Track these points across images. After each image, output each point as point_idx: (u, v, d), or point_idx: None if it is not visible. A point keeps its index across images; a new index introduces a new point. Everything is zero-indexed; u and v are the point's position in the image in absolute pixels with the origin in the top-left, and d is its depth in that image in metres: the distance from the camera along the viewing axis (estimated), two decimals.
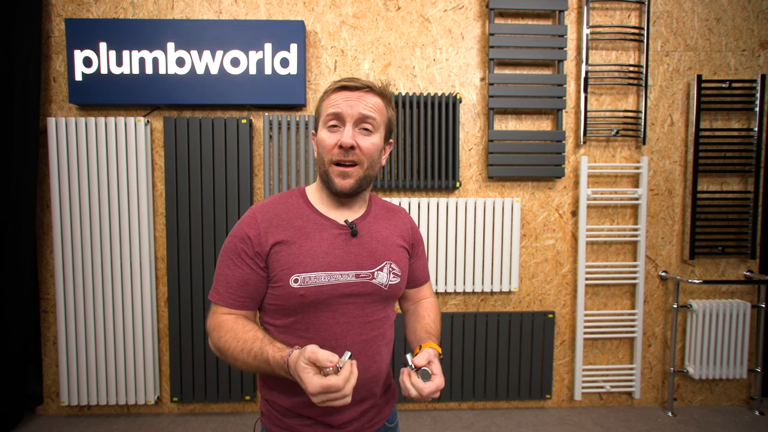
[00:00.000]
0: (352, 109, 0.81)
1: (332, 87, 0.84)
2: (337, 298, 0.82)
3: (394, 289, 0.89)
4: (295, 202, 0.86)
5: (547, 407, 2.53)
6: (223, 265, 0.83)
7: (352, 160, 0.82)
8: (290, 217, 0.84)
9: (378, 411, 0.90)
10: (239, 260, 0.81)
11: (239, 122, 2.31)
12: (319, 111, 0.86)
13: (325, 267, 0.81)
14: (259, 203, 0.86)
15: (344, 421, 0.85)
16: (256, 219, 0.82)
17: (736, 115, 2.49)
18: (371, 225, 0.89)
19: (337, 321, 0.82)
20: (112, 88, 2.24)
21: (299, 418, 0.84)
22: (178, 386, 2.38)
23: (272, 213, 0.83)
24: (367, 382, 0.85)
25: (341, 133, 0.81)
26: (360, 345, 0.83)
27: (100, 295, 2.31)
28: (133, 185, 2.30)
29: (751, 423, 2.38)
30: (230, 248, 0.82)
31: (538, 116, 2.45)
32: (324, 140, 0.82)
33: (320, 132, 0.84)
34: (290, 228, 0.82)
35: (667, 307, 2.53)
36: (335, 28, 2.37)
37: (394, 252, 0.90)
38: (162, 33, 2.24)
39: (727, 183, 2.51)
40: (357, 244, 0.85)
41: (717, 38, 2.46)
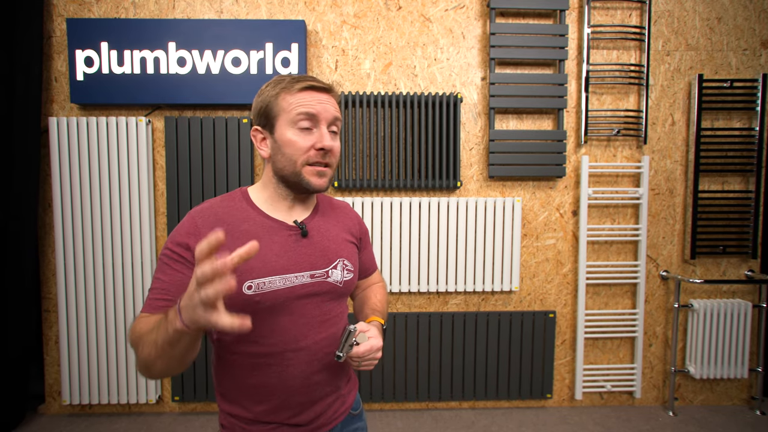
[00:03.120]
0: (326, 112, 0.79)
1: (297, 85, 0.79)
2: (294, 300, 0.80)
3: (348, 285, 0.89)
4: (239, 206, 0.82)
5: (548, 407, 2.53)
6: (157, 275, 0.75)
7: (327, 162, 0.81)
8: (234, 221, 0.78)
9: (342, 402, 0.90)
10: (177, 264, 0.74)
11: (240, 122, 2.31)
12: (279, 108, 0.79)
13: (279, 270, 0.78)
14: (198, 207, 0.80)
15: (311, 419, 0.83)
16: (196, 225, 0.76)
17: (737, 115, 2.49)
18: (320, 224, 0.88)
19: (295, 323, 0.80)
20: (114, 88, 2.24)
21: (264, 425, 0.81)
22: (180, 385, 2.38)
23: (214, 218, 0.78)
24: (331, 378, 0.85)
25: (315, 135, 0.79)
26: (321, 343, 0.82)
27: (102, 294, 2.31)
28: (134, 185, 2.30)
29: (753, 423, 2.38)
30: (167, 255, 0.75)
31: (539, 116, 2.45)
32: (296, 141, 0.78)
33: (286, 132, 0.79)
34: (236, 233, 0.77)
35: (668, 307, 2.53)
36: (336, 27, 2.37)
37: (345, 248, 0.90)
38: (163, 33, 2.24)
39: (729, 182, 2.51)
40: (308, 244, 0.84)
41: (718, 37, 2.45)
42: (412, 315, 2.41)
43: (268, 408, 0.80)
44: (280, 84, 0.80)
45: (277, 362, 0.79)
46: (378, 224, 2.38)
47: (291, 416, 0.81)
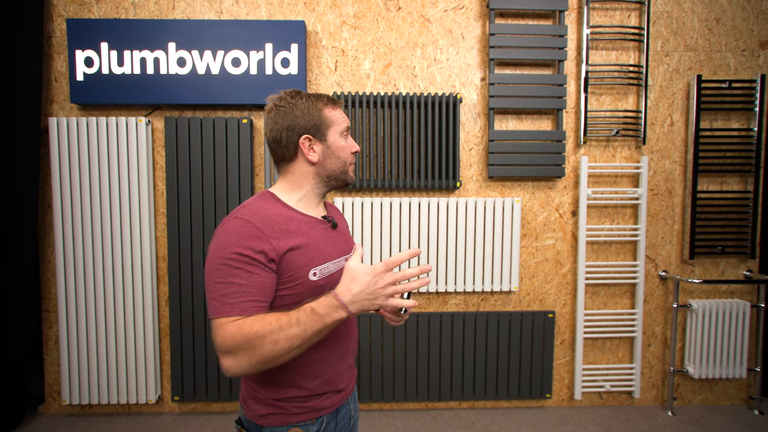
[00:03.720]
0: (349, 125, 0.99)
1: (334, 103, 0.95)
2: None
3: None
4: (277, 207, 0.90)
5: (548, 407, 2.53)
6: (230, 278, 0.79)
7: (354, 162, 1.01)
8: (283, 221, 0.87)
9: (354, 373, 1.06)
10: (252, 267, 0.80)
11: (240, 122, 2.32)
12: (327, 119, 0.93)
13: (330, 257, 0.92)
14: (246, 212, 0.85)
15: (347, 383, 0.99)
16: (258, 228, 0.82)
17: (735, 115, 2.50)
18: (335, 217, 1.03)
19: None
20: (114, 88, 2.25)
21: (317, 397, 0.92)
22: (179, 385, 2.38)
23: (268, 220, 0.85)
24: (354, 347, 1.03)
25: (350, 142, 0.97)
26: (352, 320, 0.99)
27: (102, 294, 2.32)
28: (134, 185, 2.30)
29: (751, 422, 2.39)
30: (238, 260, 0.79)
31: (539, 116, 2.45)
32: (345, 147, 0.95)
33: (338, 140, 0.94)
34: (287, 230, 0.86)
35: (667, 307, 2.54)
36: (336, 28, 2.38)
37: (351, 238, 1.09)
38: (163, 33, 2.24)
39: (727, 183, 2.52)
40: (337, 234, 0.99)
41: (717, 38, 2.46)
42: (412, 315, 2.42)
43: (321, 381, 0.92)
44: (319, 100, 0.93)
45: (332, 336, 0.91)
46: (378, 224, 2.38)
47: (338, 383, 0.95)
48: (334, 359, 0.94)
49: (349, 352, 0.99)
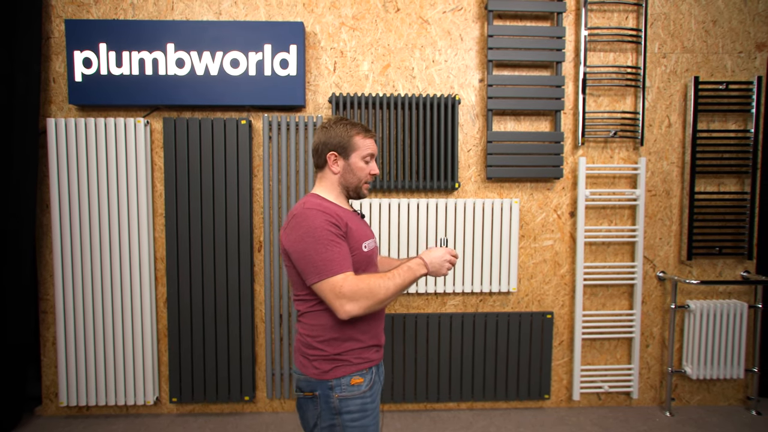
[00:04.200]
0: (376, 152, 1.25)
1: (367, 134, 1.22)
2: (376, 254, 1.29)
3: None
4: (328, 202, 1.18)
5: (546, 407, 2.53)
6: (328, 247, 1.08)
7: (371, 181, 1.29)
8: (335, 210, 1.15)
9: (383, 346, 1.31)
10: (339, 239, 1.10)
11: (239, 123, 2.32)
12: (354, 144, 1.20)
13: (369, 237, 1.24)
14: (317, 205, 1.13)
15: (384, 342, 1.29)
16: (332, 214, 1.11)
17: (732, 117, 2.51)
18: None
19: (376, 270, 1.27)
20: (112, 89, 2.25)
21: (370, 349, 1.20)
22: (177, 387, 2.38)
23: (329, 209, 1.13)
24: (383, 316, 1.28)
25: (370, 166, 1.24)
26: None
27: (99, 295, 2.31)
28: (132, 186, 2.30)
29: (749, 423, 2.39)
30: (326, 234, 1.08)
31: (537, 117, 2.46)
32: (363, 168, 1.22)
33: (358, 162, 1.21)
34: (343, 217, 1.14)
35: (664, 308, 2.55)
36: (335, 29, 2.38)
37: None
38: (162, 34, 2.24)
39: (724, 184, 2.53)
40: (364, 222, 1.30)
41: (714, 40, 2.47)
42: (410, 316, 2.42)
43: (370, 335, 1.20)
44: (353, 128, 1.21)
45: None
46: (376, 225, 2.38)
47: (380, 338, 1.25)
48: (376, 318, 1.22)
49: (382, 316, 1.27)
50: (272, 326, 2.41)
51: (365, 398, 1.16)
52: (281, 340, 2.42)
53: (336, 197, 1.23)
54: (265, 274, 2.37)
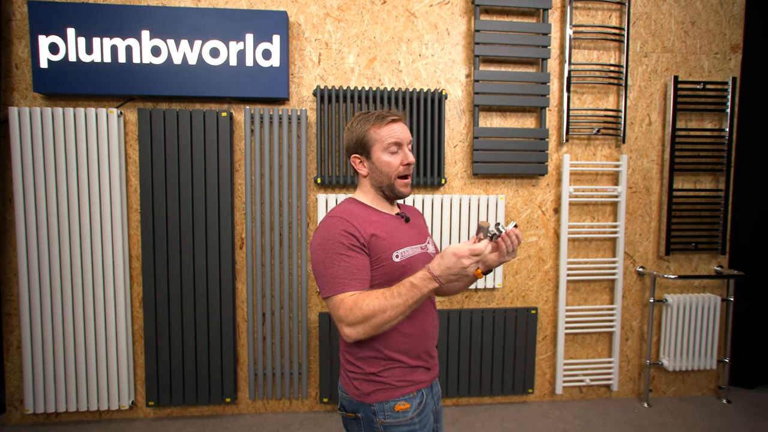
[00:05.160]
0: (406, 136, 1.08)
1: (383, 121, 1.06)
2: (418, 264, 1.06)
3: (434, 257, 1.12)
4: (360, 207, 1.09)
5: (530, 402, 2.57)
6: (335, 261, 0.99)
7: (409, 173, 1.10)
8: (368, 216, 1.06)
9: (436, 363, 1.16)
10: (351, 252, 0.99)
11: (219, 115, 2.22)
12: (372, 139, 1.06)
13: (407, 243, 1.08)
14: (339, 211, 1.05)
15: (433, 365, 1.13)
16: (352, 224, 1.01)
17: (709, 116, 2.58)
18: (410, 212, 1.21)
19: None
20: (82, 77, 2.11)
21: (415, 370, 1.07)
22: (155, 390, 2.28)
23: (358, 218, 1.04)
24: (435, 334, 1.14)
25: (400, 155, 1.07)
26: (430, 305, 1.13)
27: (69, 295, 2.19)
28: (105, 180, 2.18)
29: (720, 411, 2.49)
30: (336, 247, 0.99)
31: (522, 114, 2.46)
32: (390, 162, 1.07)
33: (382, 156, 1.07)
34: (373, 223, 1.05)
35: (643, 302, 2.61)
36: (319, 20, 2.32)
37: (427, 231, 1.22)
38: (136, 20, 2.13)
39: (701, 181, 2.60)
40: (410, 227, 1.14)
41: (692, 41, 2.53)
42: None
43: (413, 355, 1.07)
44: (367, 121, 1.07)
45: (415, 315, 1.05)
46: None
47: (426, 359, 1.10)
48: (420, 335, 1.08)
49: (431, 332, 1.11)
50: (255, 325, 2.34)
51: (413, 425, 1.04)
52: (264, 339, 2.36)
53: (373, 200, 1.12)
54: (248, 272, 2.30)
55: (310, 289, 2.40)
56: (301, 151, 2.28)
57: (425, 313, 1.09)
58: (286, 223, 2.31)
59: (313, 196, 2.37)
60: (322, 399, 2.39)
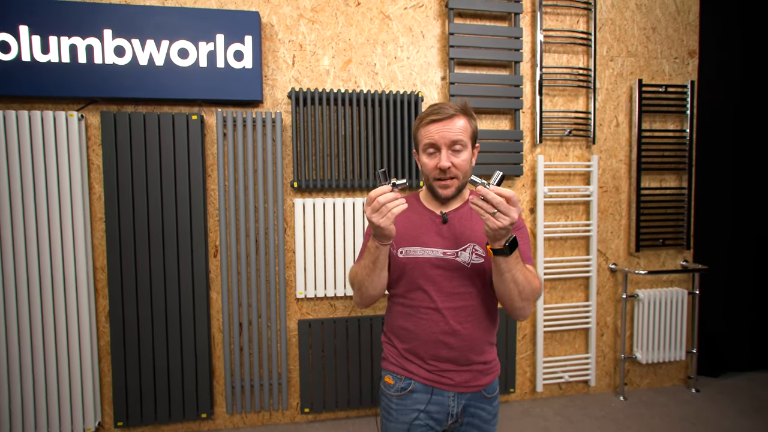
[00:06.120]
0: (444, 138, 1.03)
1: (425, 120, 1.05)
2: (430, 269, 1.07)
3: (477, 268, 1.07)
4: (412, 200, 1.16)
5: (512, 401, 2.59)
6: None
7: (450, 176, 1.06)
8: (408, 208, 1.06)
9: (473, 376, 1.11)
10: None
11: (189, 118, 2.14)
12: (417, 138, 1.09)
13: (421, 244, 1.09)
14: None
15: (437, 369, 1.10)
16: None
17: (671, 118, 2.70)
18: (463, 215, 1.12)
19: (430, 288, 1.08)
20: (37, 78, 1.98)
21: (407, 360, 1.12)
22: (123, 409, 2.15)
23: None
24: (459, 346, 1.08)
25: (438, 158, 1.05)
26: (447, 311, 1.07)
27: (26, 311, 2.03)
28: (65, 187, 2.05)
29: (689, 400, 2.59)
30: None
31: (497, 116, 2.50)
32: (426, 164, 1.07)
33: (422, 157, 1.09)
34: (404, 216, 1.10)
35: (616, 298, 2.69)
36: (293, 21, 2.27)
37: (482, 238, 1.08)
38: (97, 19, 2.02)
39: (666, 180, 2.72)
40: (446, 229, 1.10)
41: (654, 46, 2.65)
42: (377, 318, 2.36)
43: (408, 347, 1.12)
44: (418, 119, 1.08)
45: (414, 314, 1.10)
46: (340, 226, 2.30)
47: (426, 358, 1.10)
48: (420, 334, 1.09)
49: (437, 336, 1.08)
50: (231, 336, 2.25)
51: (390, 402, 1.14)
52: (241, 350, 2.27)
53: (425, 196, 1.17)
54: (222, 281, 2.21)
55: (289, 297, 2.34)
56: (277, 154, 2.22)
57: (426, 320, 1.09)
58: (263, 229, 2.24)
59: (289, 201, 2.31)
60: (304, 409, 2.32)
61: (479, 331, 1.10)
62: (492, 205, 0.87)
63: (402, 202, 0.94)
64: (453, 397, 1.10)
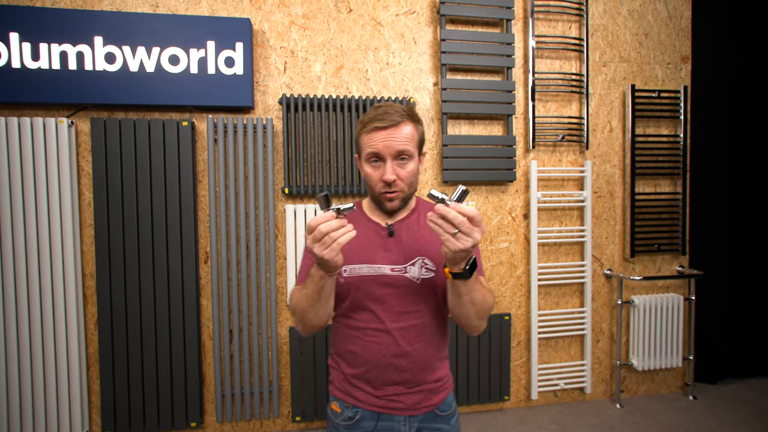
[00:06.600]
0: (389, 148, 0.93)
1: (368, 126, 0.95)
2: (377, 287, 0.97)
3: (427, 283, 0.99)
4: (357, 211, 1.06)
5: (506, 409, 2.55)
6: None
7: (395, 190, 0.96)
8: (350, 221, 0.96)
9: (426, 397, 1.02)
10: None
11: (180, 124, 2.13)
12: (360, 144, 0.99)
13: (366, 260, 0.98)
14: None
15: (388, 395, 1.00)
16: None
17: (665, 123, 2.70)
18: (410, 226, 1.03)
19: (378, 308, 0.98)
20: (27, 85, 1.98)
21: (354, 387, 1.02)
22: (112, 418, 2.12)
23: None
24: (411, 367, 0.99)
25: (383, 169, 0.95)
26: (397, 332, 0.98)
27: (13, 318, 2.01)
28: (54, 194, 2.04)
29: (687, 408, 2.55)
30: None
31: (490, 122, 2.50)
32: (370, 175, 0.97)
33: (365, 166, 0.98)
34: None
35: (612, 304, 2.67)
36: (284, 28, 2.28)
37: (432, 250, 0.99)
38: (87, 26, 2.02)
39: (660, 185, 2.70)
40: (393, 243, 1.00)
41: (646, 51, 2.65)
42: None
43: (356, 373, 1.01)
44: (360, 122, 0.98)
45: (361, 336, 1.00)
46: None
47: (376, 384, 1.00)
48: (368, 357, 0.99)
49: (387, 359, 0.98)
50: (221, 343, 2.23)
51: (339, 430, 1.03)
52: (231, 358, 2.25)
53: (369, 206, 1.06)
54: (213, 287, 2.19)
55: (280, 303, 2.32)
56: (268, 160, 2.22)
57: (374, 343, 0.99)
58: (253, 235, 2.23)
59: (281, 207, 2.30)
60: (295, 417, 2.29)
61: (431, 349, 1.02)
62: (453, 225, 0.77)
63: (349, 229, 0.82)
64: (404, 421, 1.02)
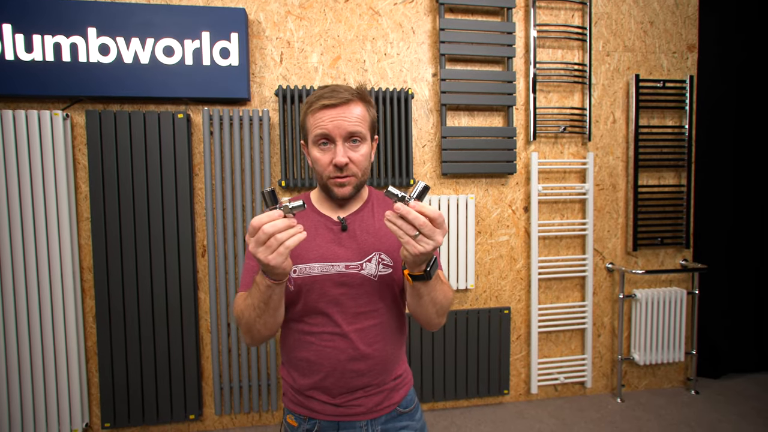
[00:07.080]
0: (339, 129, 0.85)
1: (315, 105, 0.87)
2: (331, 288, 0.89)
3: (385, 279, 0.91)
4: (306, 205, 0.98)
5: (506, 402, 2.54)
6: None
7: (347, 174, 0.88)
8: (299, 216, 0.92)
9: (387, 396, 0.96)
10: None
11: (175, 116, 2.11)
12: (306, 127, 0.90)
13: (318, 259, 0.89)
14: None
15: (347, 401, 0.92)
16: None
17: (669, 113, 2.64)
18: (364, 219, 0.95)
19: (333, 309, 0.90)
20: (21, 77, 1.97)
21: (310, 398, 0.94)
22: (111, 410, 2.14)
23: None
24: (371, 370, 0.92)
25: (333, 152, 0.87)
26: (354, 333, 0.90)
27: (12, 312, 2.02)
28: (50, 187, 2.03)
29: (689, 403, 2.53)
30: None
31: (490, 113, 2.45)
32: (318, 159, 0.89)
33: (312, 150, 0.90)
34: None
35: (613, 298, 2.63)
36: (280, 18, 2.24)
37: (387, 243, 0.92)
38: (81, 17, 2.00)
39: (664, 177, 2.65)
40: (347, 238, 0.92)
41: (651, 40, 2.59)
42: None
43: (311, 382, 0.92)
44: (306, 104, 0.89)
45: (316, 341, 0.91)
46: None
47: (334, 392, 0.92)
48: (324, 364, 0.91)
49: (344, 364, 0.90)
50: (219, 336, 2.23)
51: None
52: (230, 351, 2.24)
53: (318, 198, 0.98)
54: (210, 281, 2.19)
55: None
56: (264, 153, 2.20)
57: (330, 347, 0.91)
58: None
59: None
60: None
61: (390, 348, 0.96)
62: (413, 226, 0.70)
63: (299, 230, 0.71)
64: (365, 425, 0.95)
